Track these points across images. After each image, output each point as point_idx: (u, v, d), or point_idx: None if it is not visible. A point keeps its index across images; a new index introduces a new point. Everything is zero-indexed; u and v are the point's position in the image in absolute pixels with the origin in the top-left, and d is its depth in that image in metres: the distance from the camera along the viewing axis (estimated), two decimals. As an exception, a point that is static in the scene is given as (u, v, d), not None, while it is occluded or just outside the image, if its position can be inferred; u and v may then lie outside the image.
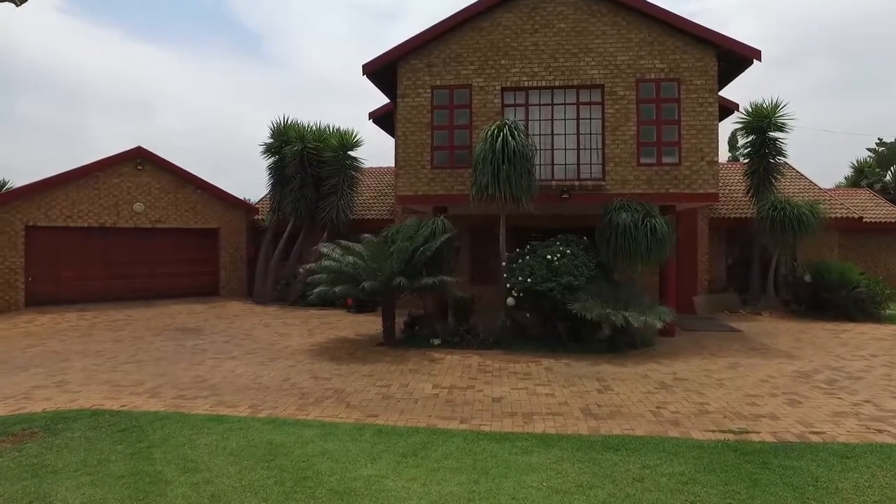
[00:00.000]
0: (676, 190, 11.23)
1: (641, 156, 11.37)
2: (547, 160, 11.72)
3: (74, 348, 10.56)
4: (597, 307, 9.69)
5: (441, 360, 9.50)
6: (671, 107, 11.28)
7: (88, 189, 15.77)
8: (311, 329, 12.85)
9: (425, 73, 11.99)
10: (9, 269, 14.69)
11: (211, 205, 17.96)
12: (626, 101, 11.35)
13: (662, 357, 9.64)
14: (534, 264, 10.37)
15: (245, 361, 9.37)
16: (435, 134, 11.97)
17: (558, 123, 11.70)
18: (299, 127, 17.96)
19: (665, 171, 11.28)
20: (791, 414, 6.33)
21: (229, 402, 6.93)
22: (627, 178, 11.35)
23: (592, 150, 11.61)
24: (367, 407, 6.75)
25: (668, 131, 11.31)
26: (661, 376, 8.26)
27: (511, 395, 7.26)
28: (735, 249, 17.45)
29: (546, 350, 10.15)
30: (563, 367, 8.88)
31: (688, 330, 12.51)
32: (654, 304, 10.36)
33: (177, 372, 8.62)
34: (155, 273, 17.08)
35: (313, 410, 6.60)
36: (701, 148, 11.17)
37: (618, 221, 10.34)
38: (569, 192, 11.40)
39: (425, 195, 11.98)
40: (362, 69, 12.01)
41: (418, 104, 12.02)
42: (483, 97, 11.82)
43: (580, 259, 10.48)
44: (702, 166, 11.17)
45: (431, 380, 8.10)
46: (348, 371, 8.65)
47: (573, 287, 10.03)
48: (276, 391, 7.48)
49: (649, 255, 10.37)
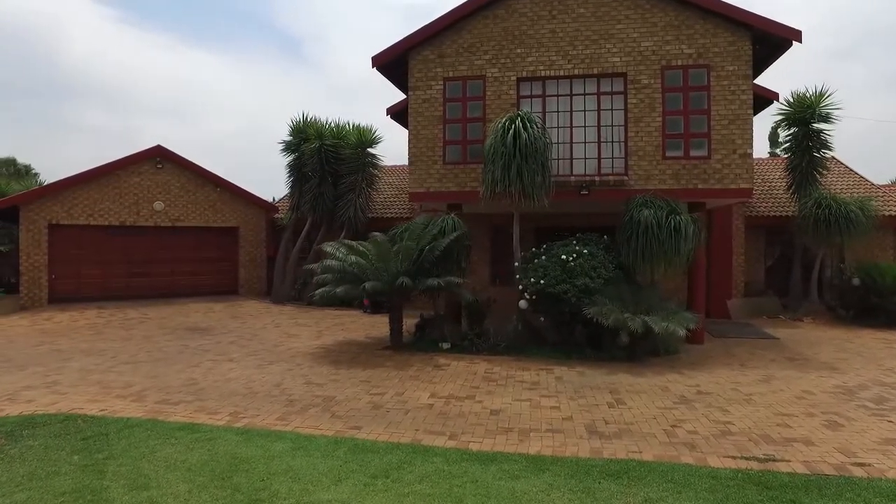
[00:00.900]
0: (706, 185, 10.36)
1: (667, 149, 10.54)
2: (565, 154, 11.01)
3: (81, 347, 10.49)
4: (614, 312, 8.96)
5: (446, 366, 8.97)
6: (700, 95, 10.41)
7: (109, 188, 15.89)
8: (321, 330, 12.52)
9: (437, 64, 11.46)
10: (33, 266, 14.92)
11: (230, 203, 17.91)
12: (651, 90, 10.55)
13: (686, 367, 8.84)
14: (548, 265, 9.71)
15: (243, 364, 9.05)
16: (447, 128, 11.43)
17: (577, 115, 10.98)
18: (318, 124, 17.71)
19: (693, 166, 10.42)
20: (829, 439, 5.52)
21: (211, 409, 6.57)
22: (652, 172, 10.55)
23: (614, 144, 10.85)
24: (353, 417, 6.28)
25: (696, 122, 10.45)
26: (682, 389, 7.50)
27: (511, 408, 6.66)
28: (775, 250, 16.27)
29: (561, 357, 9.49)
30: (575, 377, 8.22)
31: (719, 336, 11.59)
32: (679, 309, 9.55)
33: (171, 374, 8.37)
34: (175, 272, 17.11)
35: (295, 420, 6.17)
36: (733, 139, 10.27)
37: (639, 219, 9.58)
38: (588, 188, 10.68)
39: (437, 192, 11.45)
40: (372, 62, 11.58)
41: (430, 97, 11.50)
42: (497, 88, 11.21)
43: (598, 259, 9.76)
44: (734, 159, 10.27)
45: (430, 388, 7.58)
46: (345, 376, 8.21)
47: (589, 289, 9.33)
48: (264, 397, 7.10)
49: (674, 256, 9.56)
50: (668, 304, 9.75)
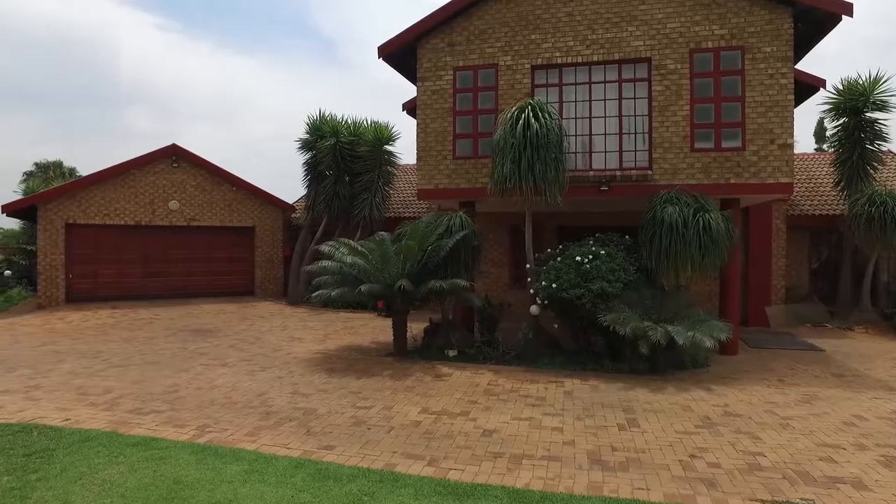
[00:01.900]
0: (739, 180, 9.35)
1: (696, 140, 9.57)
2: (584, 147, 10.17)
3: (80, 348, 10.26)
4: (633, 319, 8.09)
5: (447, 376, 8.28)
6: (733, 80, 9.41)
7: (125, 187, 15.83)
8: (328, 334, 12.01)
9: (447, 53, 10.79)
10: (50, 265, 14.96)
11: (247, 203, 17.66)
12: (678, 75, 9.60)
13: (715, 381, 7.90)
14: (561, 267, 8.91)
15: (235, 370, 8.59)
16: (457, 120, 10.74)
17: (597, 105, 10.12)
18: (334, 121, 17.27)
19: (725, 158, 9.42)
20: (888, 482, 4.58)
21: (180, 420, 6.08)
22: (679, 166, 9.60)
23: (637, 135, 9.94)
24: (329, 435, 5.67)
25: (729, 110, 9.45)
26: (708, 409, 6.60)
27: (508, 428, 5.93)
28: (821, 252, 14.92)
29: (575, 367, 8.67)
30: (586, 392, 7.40)
31: (755, 347, 10.52)
32: (708, 318, 8.59)
33: (157, 379, 7.96)
34: (191, 271, 16.95)
35: (264, 436, 5.60)
36: (771, 129, 9.23)
37: (662, 217, 8.67)
38: (608, 184, 9.81)
39: (446, 189, 10.78)
40: (378, 52, 10.99)
41: (439, 88, 10.84)
42: (511, 77, 10.45)
43: (617, 261, 8.90)
44: (771, 151, 9.23)
45: (423, 402, 6.91)
46: (336, 386, 7.63)
47: (606, 294, 8.48)
48: (242, 408, 6.57)
49: (702, 258, 8.61)
50: (695, 312, 8.80)
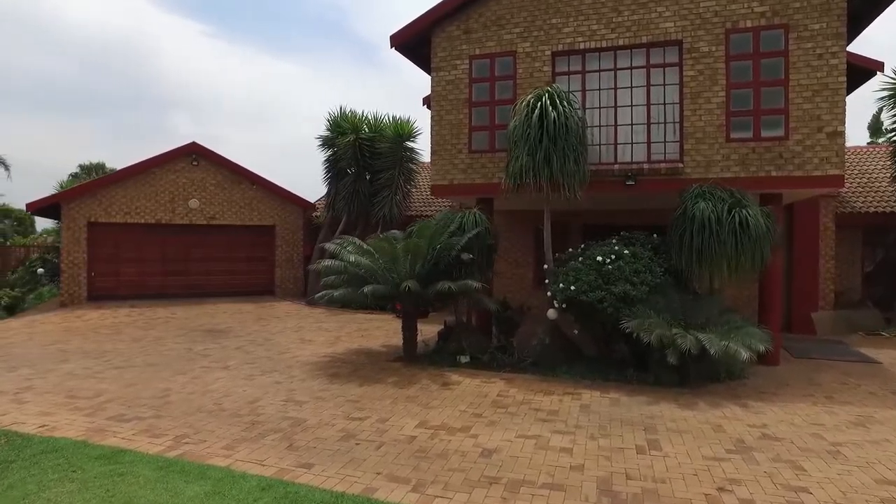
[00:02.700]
0: (781, 172, 8.45)
1: (732, 129, 8.71)
2: (609, 139, 9.42)
3: (88, 347, 10.11)
4: (659, 326, 7.33)
5: (455, 384, 7.69)
6: (775, 63, 8.51)
7: (146, 186, 15.83)
8: (340, 336, 11.58)
9: (462, 41, 10.21)
10: (73, 263, 15.05)
11: (267, 201, 17.47)
12: (713, 58, 8.76)
13: (753, 396, 7.07)
14: (581, 268, 8.20)
15: (234, 373, 8.22)
16: (473, 112, 10.14)
17: (623, 93, 9.35)
18: (354, 117, 16.90)
19: (765, 149, 8.53)
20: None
21: (159, 429, 5.69)
22: (713, 158, 8.75)
23: (667, 125, 9.14)
24: (312, 451, 5.17)
25: (769, 95, 8.55)
26: (742, 430, 5.82)
27: (511, 447, 5.31)
28: (875, 253, 13.67)
29: (596, 377, 7.96)
30: (606, 405, 6.70)
31: (800, 357, 9.55)
32: (746, 324, 7.74)
33: (152, 382, 7.65)
34: (211, 271, 16.86)
35: (242, 450, 5.15)
36: (818, 115, 8.30)
37: (693, 213, 7.86)
38: (635, 178, 9.03)
39: (461, 185, 10.19)
40: (390, 41, 10.49)
41: (454, 78, 10.26)
42: (530, 65, 9.79)
43: (643, 262, 8.14)
44: (818, 140, 8.29)
45: (423, 414, 6.35)
46: (334, 394, 7.15)
47: (630, 298, 7.74)
48: (228, 417, 6.15)
49: (738, 259, 7.77)
50: (731, 318, 7.96)
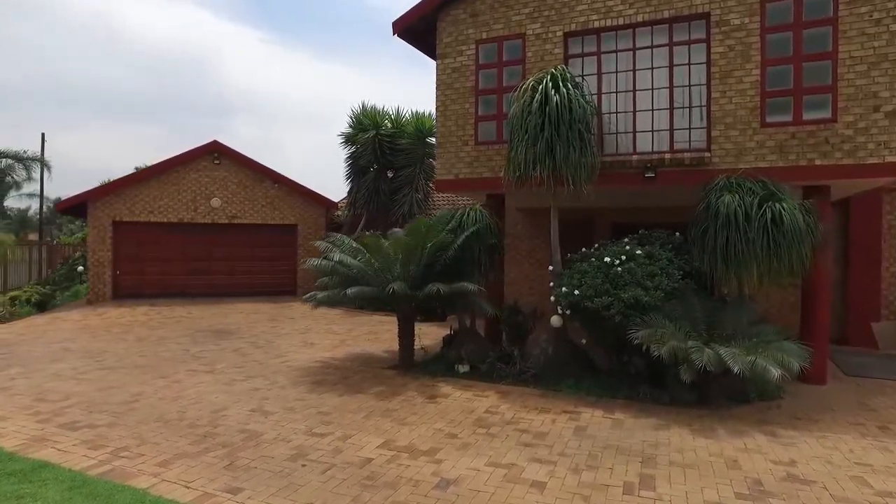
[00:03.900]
0: (827, 161, 7.26)
1: (768, 112, 7.58)
2: (627, 126, 8.47)
3: (91, 346, 10.03)
4: (674, 337, 6.37)
5: (443, 397, 7.00)
6: (820, 33, 7.33)
7: (169, 185, 15.92)
8: (346, 339, 11.09)
9: (469, 24, 9.48)
10: (98, 262, 15.30)
11: (289, 200, 17.28)
12: (745, 32, 7.66)
13: (785, 423, 6.01)
14: (587, 270, 7.33)
15: (217, 378, 7.83)
16: (480, 101, 9.40)
17: (642, 75, 8.37)
18: (375, 113, 16.45)
19: (808, 133, 7.37)
20: None
21: (102, 440, 5.32)
22: (745, 145, 7.66)
23: (692, 110, 8.09)
24: (250, 472, 4.62)
25: (813, 71, 7.38)
26: (763, 468, 4.84)
27: (474, 479, 4.57)
28: (953, 255, 11.93)
29: (603, 393, 7.07)
30: (605, 428, 5.84)
31: (854, 374, 8.28)
32: (779, 338, 6.65)
33: (128, 385, 7.35)
34: (234, 270, 16.81)
35: (176, 468, 4.67)
36: (875, 92, 7.07)
37: (717, 208, 6.83)
38: (655, 170, 8.05)
39: (467, 179, 9.46)
40: (393, 28, 9.89)
41: (460, 64, 9.54)
42: (540, 48, 8.95)
43: (660, 264, 7.17)
44: (875, 121, 7.07)
45: (393, 432, 5.69)
46: (308, 405, 6.61)
47: (641, 305, 6.80)
48: (184, 427, 5.72)
49: (770, 261, 6.68)
50: (762, 329, 6.88)
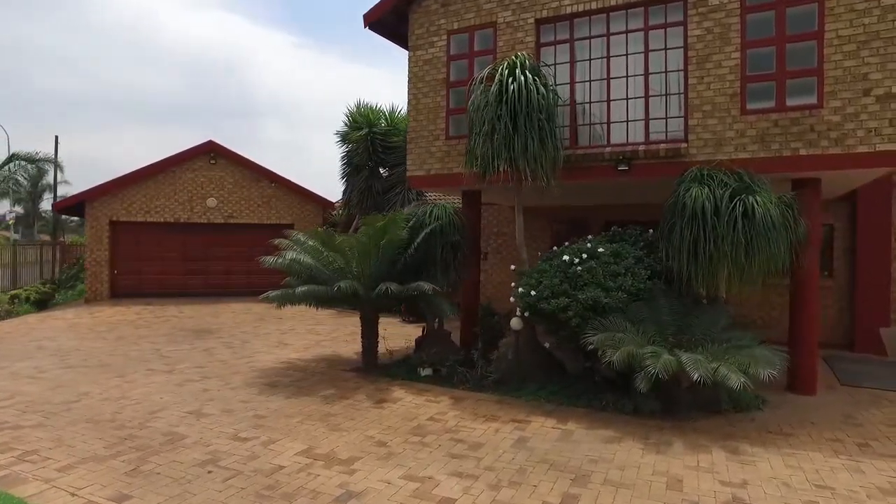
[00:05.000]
0: (812, 150, 6.64)
1: (748, 98, 6.99)
2: (601, 117, 7.97)
3: (65, 345, 10.01)
4: (633, 342, 5.88)
5: (391, 402, 6.65)
6: (805, 11, 6.71)
7: (165, 185, 15.99)
8: (322, 340, 10.82)
9: (440, 14, 9.12)
10: (96, 261, 15.45)
11: (285, 199, 17.18)
12: (724, 12, 7.09)
13: (753, 438, 5.45)
14: (546, 269, 6.87)
15: (170, 378, 7.65)
16: (451, 94, 9.02)
17: (617, 62, 7.86)
18: (369, 110, 16.17)
19: (792, 121, 6.75)
20: None
21: (19, 443, 5.20)
22: (724, 135, 7.08)
23: (669, 98, 7.55)
24: (150, 478, 4.38)
25: (797, 53, 6.77)
26: (708, 489, 4.34)
27: (381, 493, 4.21)
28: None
29: (564, 400, 6.62)
30: (550, 440, 5.40)
31: (850, 384, 7.59)
32: (753, 343, 6.09)
33: (78, 385, 7.23)
34: (230, 270, 16.77)
35: (76, 473, 4.51)
36: (864, 73, 6.43)
37: (685, 202, 6.30)
38: (629, 163, 7.53)
39: (438, 175, 9.09)
40: (363, 20, 9.60)
41: (432, 56, 9.19)
42: (511, 36, 8.53)
43: (626, 263, 6.68)
44: (865, 105, 6.42)
45: (321, 438, 5.38)
46: (249, 407, 6.37)
47: (602, 306, 6.32)
48: (110, 429, 5.57)
49: (746, 260, 6.11)
50: (736, 334, 6.34)
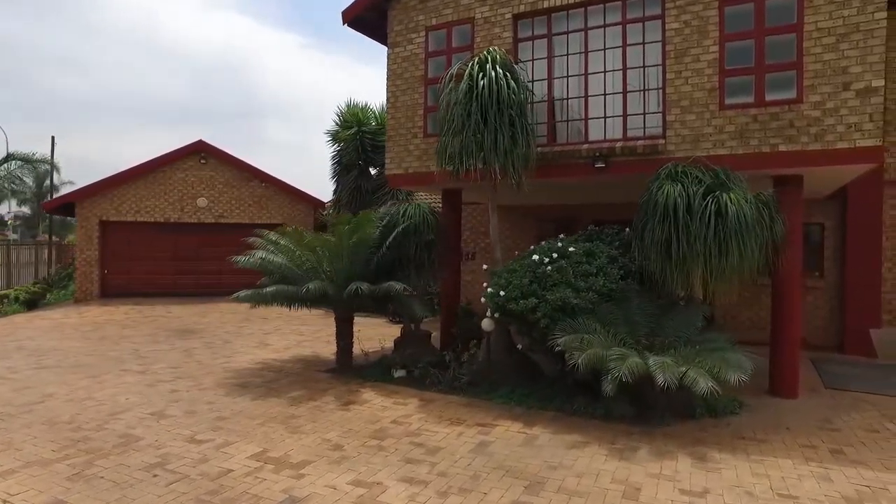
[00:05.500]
0: (792, 146, 6.44)
1: (727, 93, 6.80)
2: (579, 113, 7.81)
3: (45, 345, 9.95)
4: (599, 344, 5.71)
5: (358, 405, 6.52)
6: (785, 3, 6.50)
7: (155, 184, 15.95)
8: (305, 340, 10.72)
9: (419, 10, 8.98)
10: (86, 261, 15.44)
11: (276, 199, 17.10)
12: (702, 4, 6.90)
13: (724, 444, 5.27)
14: (516, 269, 6.72)
15: (142, 379, 7.57)
16: (429, 91, 8.88)
17: (594, 57, 7.69)
18: (359, 109, 16.08)
19: (771, 116, 6.56)
20: None
21: (-37, 447, 5.05)
22: (703, 131, 6.89)
23: (647, 93, 7.37)
24: (93, 482, 4.28)
25: (777, 46, 6.57)
26: (667, 497, 4.19)
27: (325, 498, 4.09)
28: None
29: (535, 404, 6.46)
30: (513, 445, 5.24)
31: (835, 387, 7.38)
32: (728, 346, 5.90)
33: (46, 387, 7.15)
34: (221, 269, 16.56)
35: (16, 477, 4.46)
36: (844, 67, 6.23)
37: (656, 199, 6.12)
38: (606, 160, 7.36)
39: (416, 173, 8.96)
40: (342, 17, 9.47)
41: (410, 53, 9.06)
42: (489, 32, 8.38)
43: (599, 262, 6.51)
44: (845, 100, 6.22)
45: (278, 441, 5.26)
46: (213, 409, 6.28)
47: (571, 307, 6.16)
48: (65, 431, 5.49)
49: (720, 259, 5.93)
50: (711, 336, 6.17)
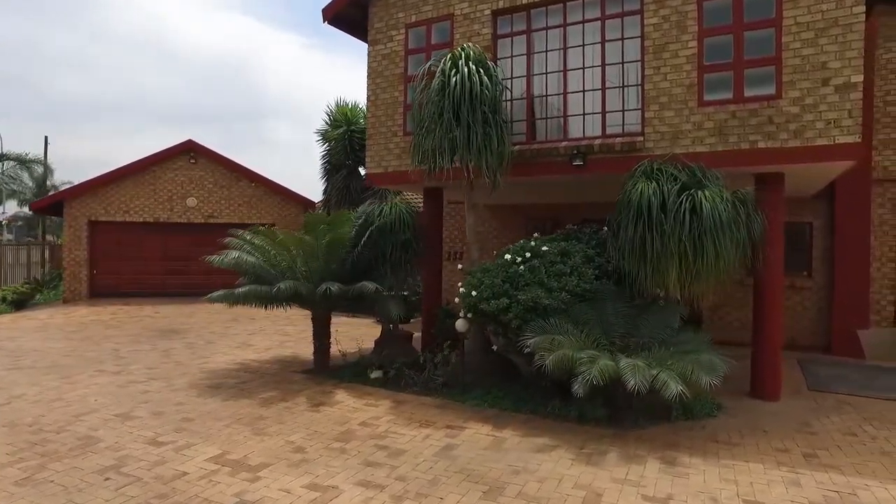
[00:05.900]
0: (771, 143, 6.31)
1: (706, 90, 6.67)
2: (559, 110, 7.69)
3: (25, 345, 9.88)
4: (570, 346, 5.59)
5: (329, 406, 6.42)
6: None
7: (144, 184, 15.89)
8: (288, 341, 10.61)
9: (399, 7, 8.87)
10: (74, 261, 15.38)
11: (267, 199, 17.02)
12: (680, 0, 6.79)
13: (696, 448, 5.15)
14: (491, 269, 6.60)
15: (115, 380, 7.48)
16: (409, 88, 8.77)
17: (573, 53, 7.58)
18: (348, 108, 15.97)
19: (750, 112, 6.43)
20: None
21: (-82, 449, 4.97)
22: (681, 128, 6.77)
23: (626, 90, 7.25)
24: (42, 486, 4.20)
25: (756, 41, 6.44)
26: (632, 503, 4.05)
27: (277, 502, 3.98)
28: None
29: (509, 406, 6.35)
30: (479, 448, 5.13)
31: (819, 389, 7.24)
32: (701, 348, 5.77)
33: (18, 388, 7.09)
34: (211, 270, 16.42)
35: None
36: (823, 62, 6.09)
37: (630, 198, 6.00)
38: (584, 157, 7.24)
39: (396, 172, 8.85)
40: (322, 14, 9.37)
41: (390, 50, 8.96)
42: (468, 28, 8.26)
43: (573, 262, 6.39)
44: (824, 96, 6.08)
45: (241, 443, 5.17)
46: (181, 410, 6.20)
47: (543, 308, 6.04)
48: (26, 434, 5.46)
49: (695, 258, 5.80)
50: (686, 337, 6.04)
